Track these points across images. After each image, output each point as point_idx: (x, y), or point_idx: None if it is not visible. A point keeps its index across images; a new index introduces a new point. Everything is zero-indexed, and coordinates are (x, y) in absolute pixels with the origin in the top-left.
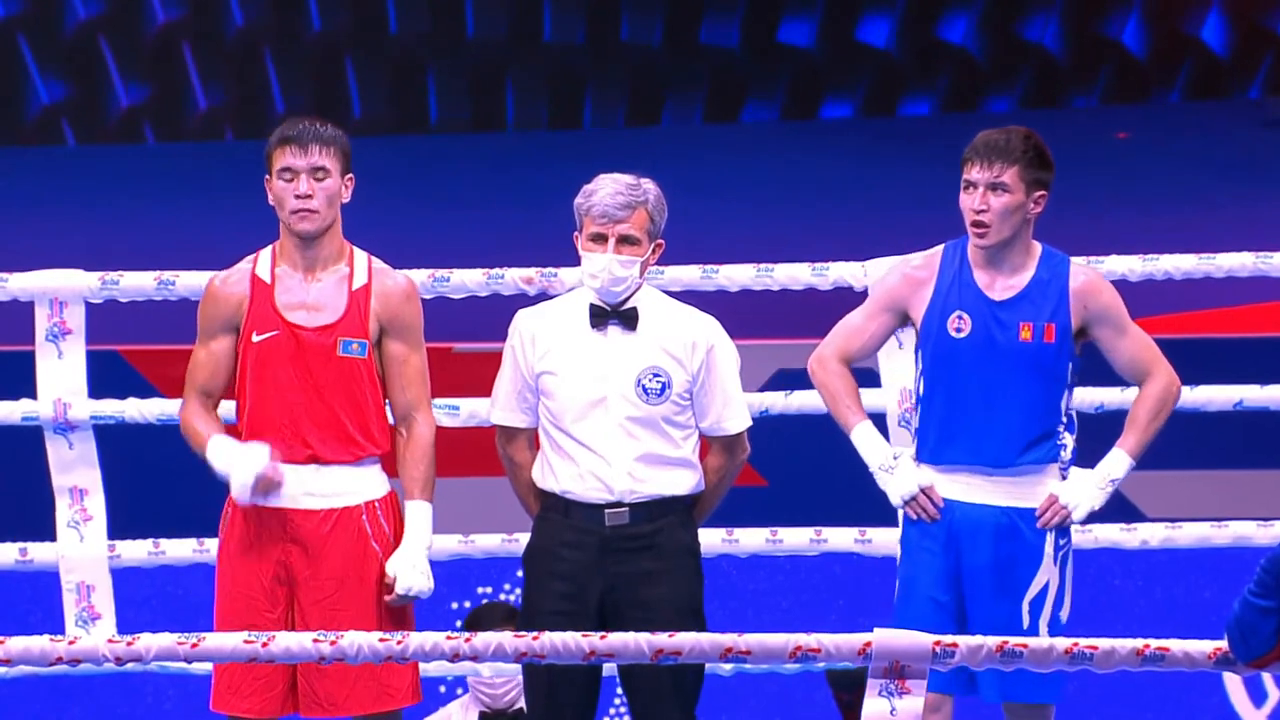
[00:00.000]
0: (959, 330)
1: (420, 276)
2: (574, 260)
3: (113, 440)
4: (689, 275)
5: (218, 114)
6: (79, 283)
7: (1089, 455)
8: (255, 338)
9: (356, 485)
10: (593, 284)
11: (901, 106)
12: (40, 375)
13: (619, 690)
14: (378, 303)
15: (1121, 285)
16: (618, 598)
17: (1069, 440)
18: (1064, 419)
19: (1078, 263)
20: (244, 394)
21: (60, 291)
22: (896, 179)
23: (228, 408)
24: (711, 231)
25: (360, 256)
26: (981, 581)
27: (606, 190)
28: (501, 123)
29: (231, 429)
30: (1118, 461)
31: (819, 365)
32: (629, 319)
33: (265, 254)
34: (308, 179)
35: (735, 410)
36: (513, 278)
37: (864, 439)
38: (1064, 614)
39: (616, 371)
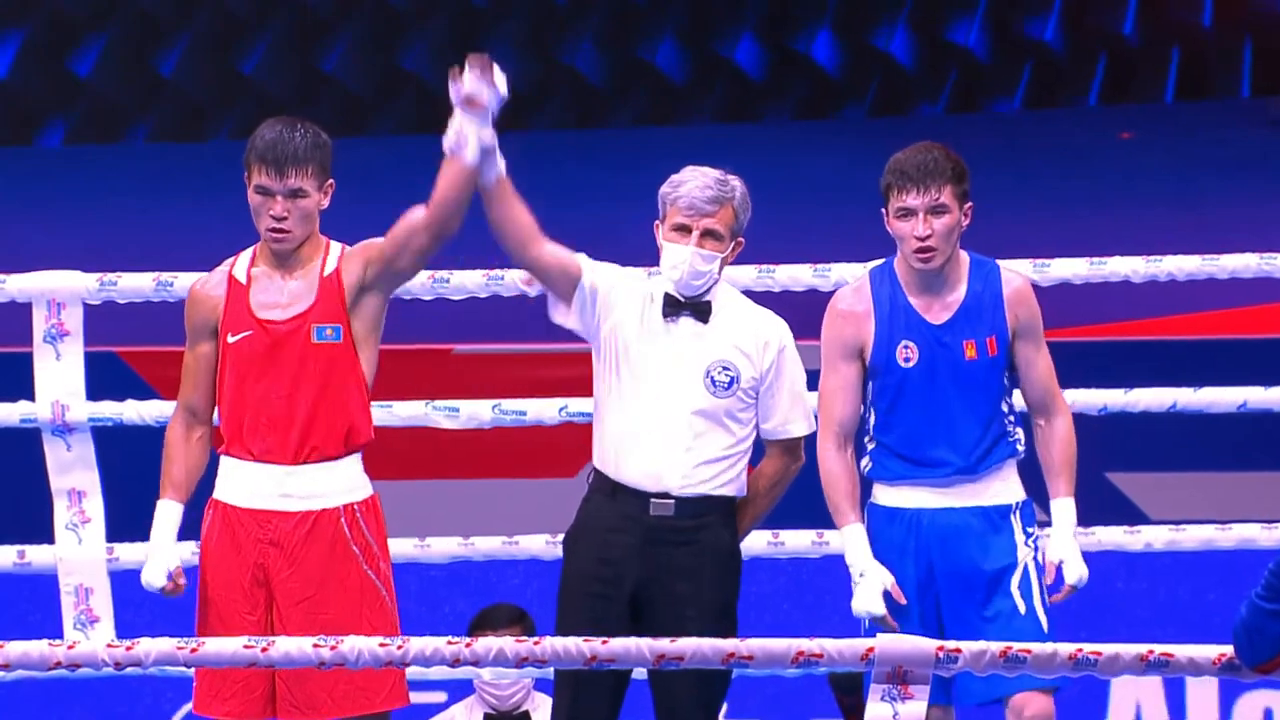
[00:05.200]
0: (907, 360)
1: (420, 278)
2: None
3: (111, 442)
4: (745, 275)
5: None
6: (77, 284)
7: (1101, 458)
8: (230, 338)
9: (336, 486)
10: (672, 275)
11: (911, 108)
12: (38, 377)
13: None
14: (348, 274)
15: (1124, 287)
16: (652, 589)
17: (1019, 433)
18: (1012, 416)
19: (1006, 267)
20: (223, 396)
21: (58, 292)
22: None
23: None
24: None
25: (335, 248)
26: (960, 583)
27: (696, 183)
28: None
29: (216, 431)
30: (1068, 508)
31: (820, 453)
32: (702, 311)
33: (246, 254)
34: (284, 201)
35: (801, 414)
36: (513, 279)
37: (850, 541)
38: (1044, 594)
39: (685, 362)
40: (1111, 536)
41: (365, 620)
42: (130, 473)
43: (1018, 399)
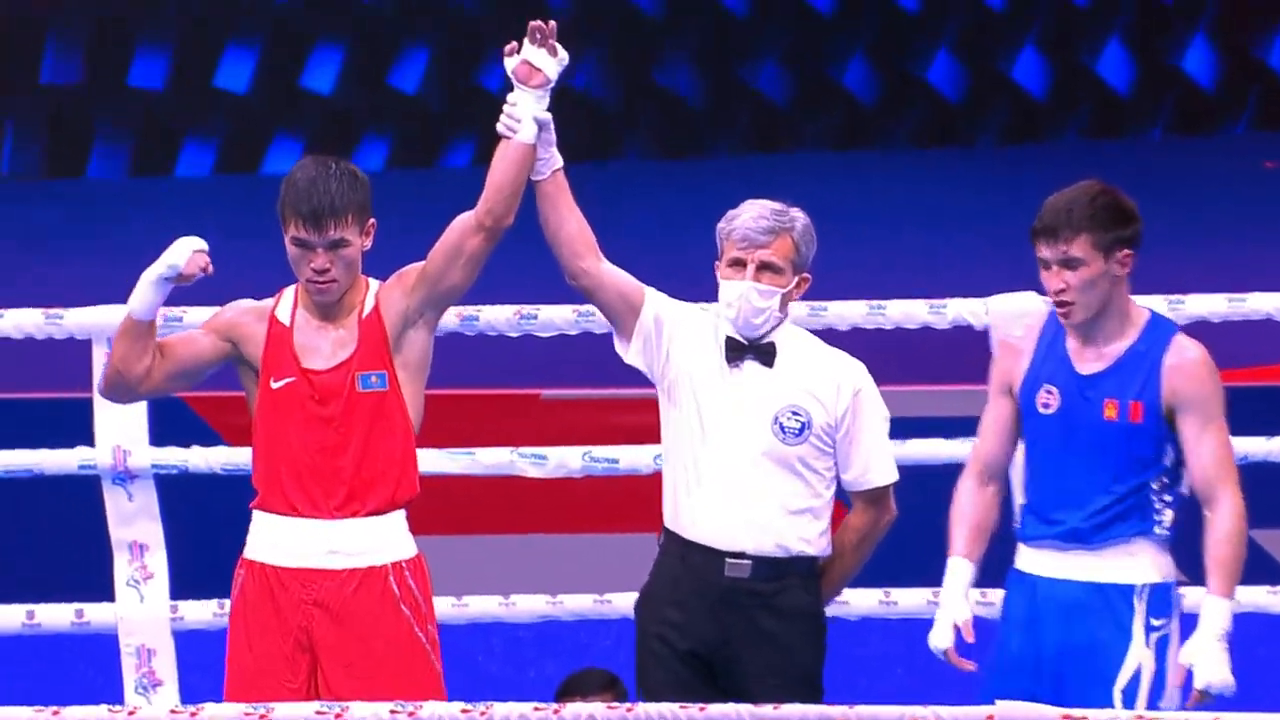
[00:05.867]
0: (1046, 406)
1: (505, 314)
2: None
3: (175, 492)
4: (796, 311)
5: None
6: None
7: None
8: (273, 384)
9: (382, 542)
10: (729, 314)
11: (1040, 136)
12: (98, 420)
13: None
14: (388, 312)
15: (1267, 326)
16: (730, 656)
17: (1168, 515)
18: (1163, 497)
19: (1184, 336)
20: (261, 444)
21: (109, 327)
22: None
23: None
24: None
25: (373, 285)
26: (1066, 665)
27: (750, 214)
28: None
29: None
30: (1221, 611)
31: (957, 485)
32: (766, 354)
33: (288, 294)
34: (324, 254)
35: (883, 460)
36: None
37: (950, 573)
38: (1166, 704)
39: (752, 409)
40: (1252, 597)
41: (416, 685)
42: (196, 525)
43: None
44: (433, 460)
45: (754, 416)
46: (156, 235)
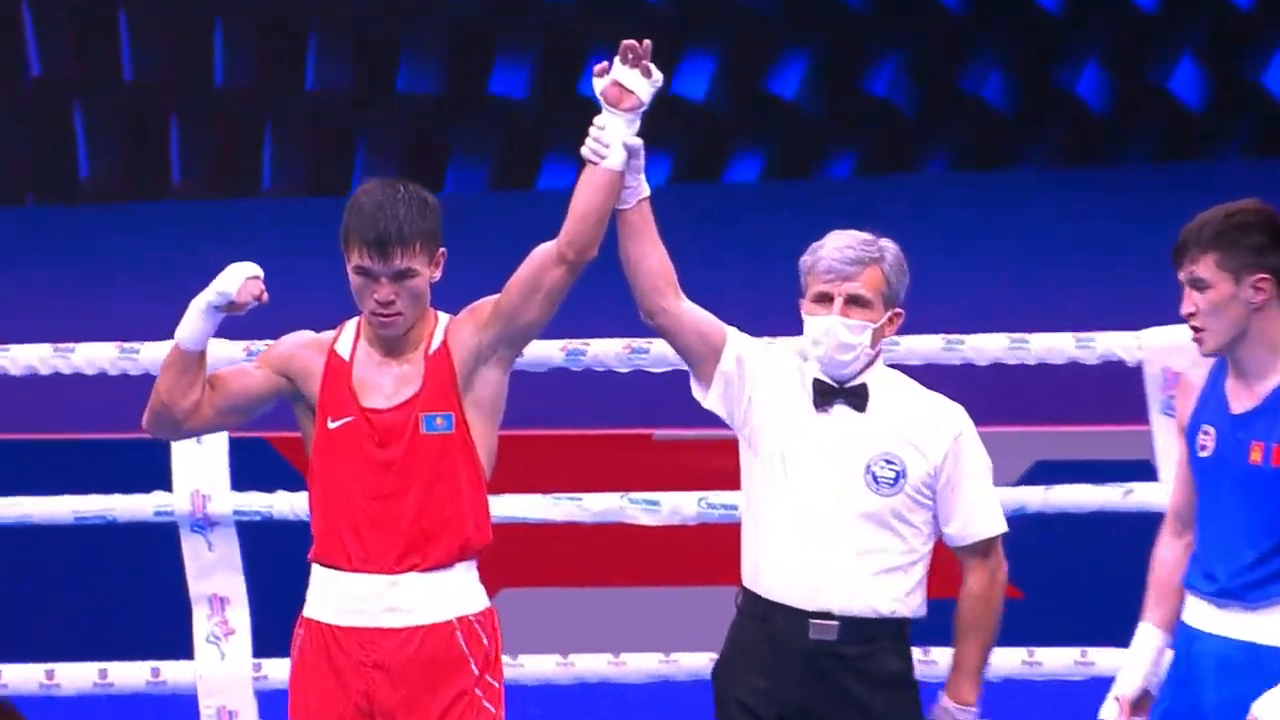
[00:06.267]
0: (1204, 448)
1: (615, 347)
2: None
3: (259, 540)
4: (929, 346)
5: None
6: (221, 353)
7: None
8: (331, 424)
9: (448, 596)
10: (815, 352)
11: (1205, 154)
12: (176, 464)
13: None
14: (457, 348)
15: None
16: None
17: None
18: None
19: None
20: (318, 490)
21: None
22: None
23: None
24: (955, 293)
25: (442, 320)
26: None
27: (835, 244)
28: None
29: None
30: None
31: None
32: (858, 397)
33: (350, 326)
34: (389, 284)
35: (989, 511)
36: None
37: (1137, 639)
38: None
39: (843, 457)
40: None
41: None
42: (280, 576)
43: None
44: (535, 506)
45: (844, 465)
46: (519, 243)
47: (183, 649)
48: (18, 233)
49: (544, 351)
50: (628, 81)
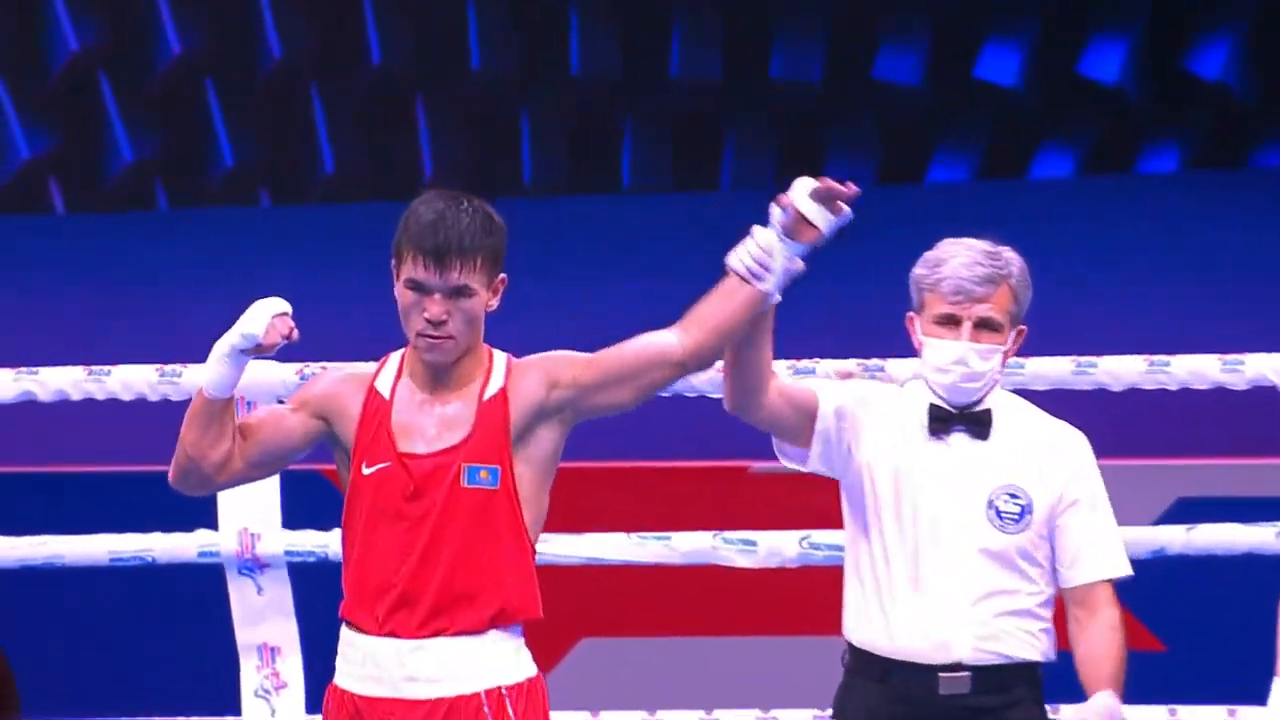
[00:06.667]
0: None
1: (707, 372)
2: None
3: (313, 583)
4: (1057, 369)
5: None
6: (271, 376)
7: None
8: (365, 470)
9: (477, 666)
10: (941, 379)
11: None
12: (222, 499)
13: None
14: (519, 396)
15: None
16: None
17: None
18: None
19: None
20: (347, 542)
21: (246, 389)
22: None
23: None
24: (1081, 311)
25: (500, 360)
26: None
27: (961, 259)
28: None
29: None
30: None
31: None
32: (980, 424)
33: (392, 362)
34: (443, 300)
35: (1116, 548)
36: (826, 370)
37: (1273, 697)
38: None
39: (963, 491)
40: None
41: None
42: (337, 624)
43: None
44: (617, 546)
45: (963, 501)
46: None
47: (229, 705)
48: (358, 232)
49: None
50: (814, 217)
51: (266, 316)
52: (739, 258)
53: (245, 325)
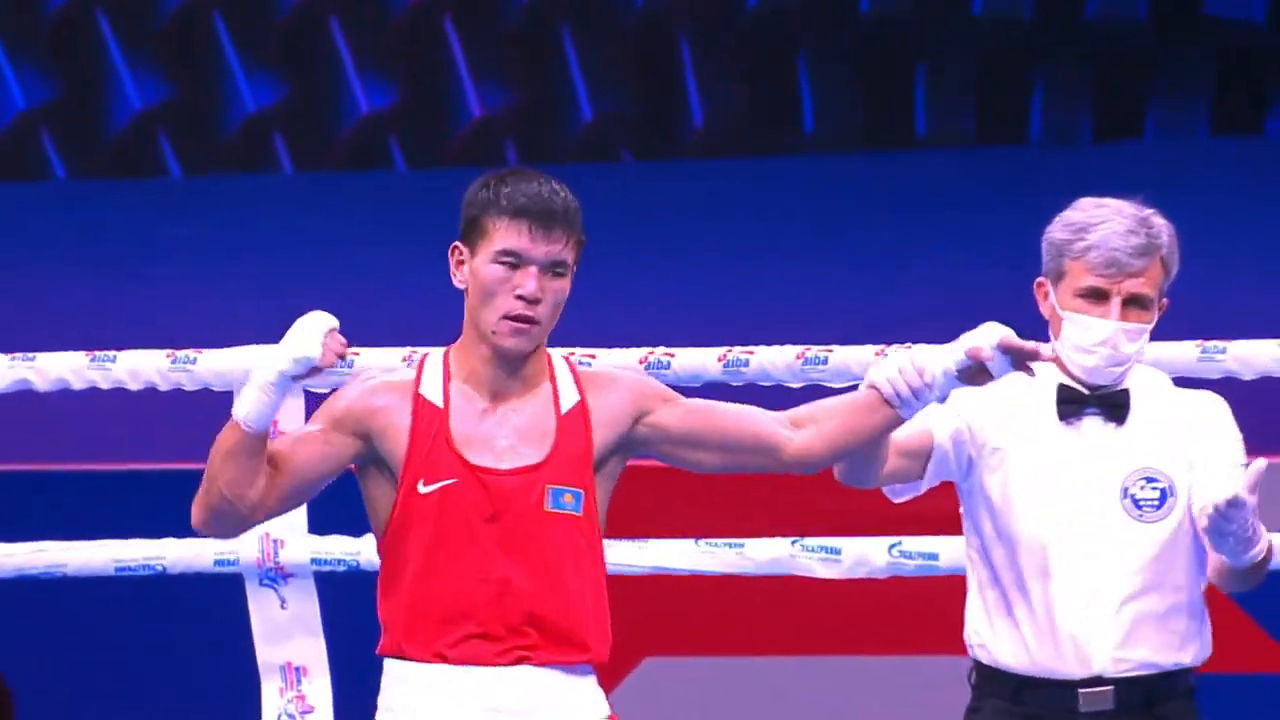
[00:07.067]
0: None
1: (786, 357)
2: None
3: (342, 595)
4: (1180, 355)
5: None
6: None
7: None
8: (423, 488)
9: (565, 698)
10: (1082, 360)
11: None
12: None
13: None
14: (605, 414)
15: None
16: None
17: None
18: None
19: None
20: (398, 569)
21: None
22: None
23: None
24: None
25: (559, 364)
26: None
27: (1113, 226)
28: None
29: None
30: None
31: None
32: (1116, 407)
33: (434, 364)
34: (539, 276)
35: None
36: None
37: None
38: None
39: (1096, 479)
40: None
41: None
42: (369, 641)
43: None
44: (686, 555)
45: (1095, 489)
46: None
47: None
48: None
49: (698, 362)
50: (995, 370)
51: (319, 335)
52: (889, 378)
53: (296, 347)
